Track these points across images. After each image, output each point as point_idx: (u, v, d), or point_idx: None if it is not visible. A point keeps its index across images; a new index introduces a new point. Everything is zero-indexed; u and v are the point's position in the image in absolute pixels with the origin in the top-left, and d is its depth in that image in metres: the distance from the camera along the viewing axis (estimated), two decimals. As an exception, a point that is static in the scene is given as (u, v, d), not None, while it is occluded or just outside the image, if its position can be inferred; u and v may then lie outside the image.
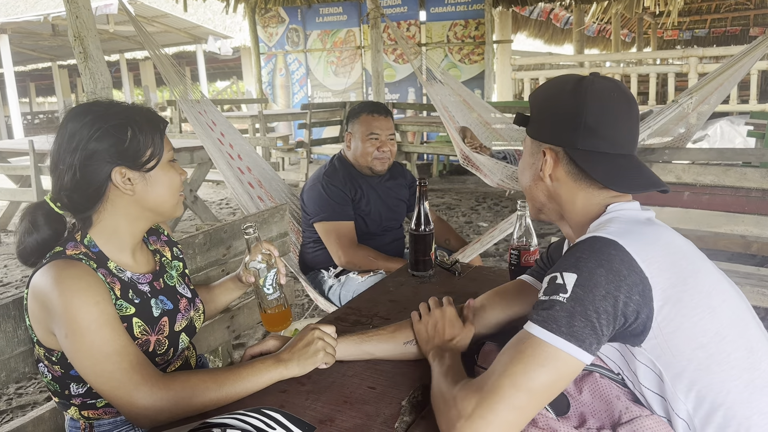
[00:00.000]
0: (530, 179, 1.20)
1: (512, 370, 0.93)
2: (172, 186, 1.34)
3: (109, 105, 1.30)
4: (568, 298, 0.94)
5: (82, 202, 1.27)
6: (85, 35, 2.70)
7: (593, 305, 0.93)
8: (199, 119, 3.14)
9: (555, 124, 1.13)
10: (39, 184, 4.92)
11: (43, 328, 1.22)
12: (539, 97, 1.19)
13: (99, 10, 9.07)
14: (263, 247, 1.44)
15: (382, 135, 2.56)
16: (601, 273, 0.94)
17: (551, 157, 1.13)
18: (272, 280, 1.43)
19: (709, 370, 0.97)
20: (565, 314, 0.93)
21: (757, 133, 5.18)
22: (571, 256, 0.99)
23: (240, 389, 1.18)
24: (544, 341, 0.93)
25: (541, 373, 0.93)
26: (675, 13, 8.61)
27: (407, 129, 7.51)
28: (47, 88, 22.32)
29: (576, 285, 0.94)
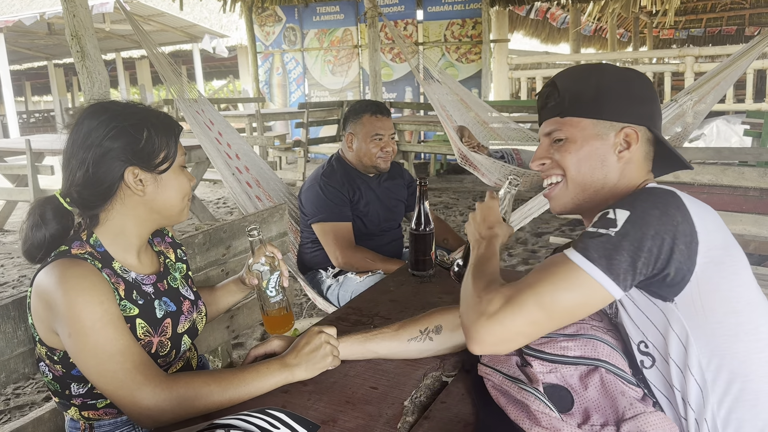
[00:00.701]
0: (596, 164, 1.14)
1: (541, 288, 0.97)
2: (181, 191, 1.34)
3: (126, 105, 1.31)
4: (617, 233, 0.95)
5: (92, 199, 1.27)
6: (83, 34, 2.70)
7: (639, 242, 0.95)
8: (196, 118, 3.13)
9: (634, 104, 1.13)
10: (36, 184, 4.90)
11: (46, 326, 1.21)
12: (602, 82, 1.14)
13: (95, 8, 9.04)
14: (267, 249, 1.43)
15: (386, 135, 2.56)
16: (654, 214, 0.96)
17: (634, 136, 1.12)
18: (275, 282, 1.42)
19: (737, 337, 0.99)
20: (610, 247, 0.95)
21: (753, 132, 5.20)
22: (627, 198, 1.01)
23: (244, 393, 1.18)
24: (579, 267, 0.96)
25: (567, 297, 0.96)
26: (671, 13, 8.62)
27: (404, 128, 7.50)
28: (43, 86, 22.25)
29: (627, 221, 0.96)
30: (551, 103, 1.18)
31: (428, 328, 1.36)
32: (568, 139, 1.15)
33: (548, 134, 1.19)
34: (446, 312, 1.39)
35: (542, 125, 1.22)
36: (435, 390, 1.25)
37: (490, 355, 1.28)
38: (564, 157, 1.15)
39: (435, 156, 8.38)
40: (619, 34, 14.53)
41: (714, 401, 0.99)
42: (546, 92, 1.20)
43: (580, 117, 1.14)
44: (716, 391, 0.99)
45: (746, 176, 2.82)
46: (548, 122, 1.19)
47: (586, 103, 1.13)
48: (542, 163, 1.20)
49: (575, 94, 1.14)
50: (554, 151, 1.17)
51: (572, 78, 1.18)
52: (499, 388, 1.16)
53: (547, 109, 1.19)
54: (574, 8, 11.42)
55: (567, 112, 1.15)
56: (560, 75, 1.20)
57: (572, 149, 1.14)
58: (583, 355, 1.18)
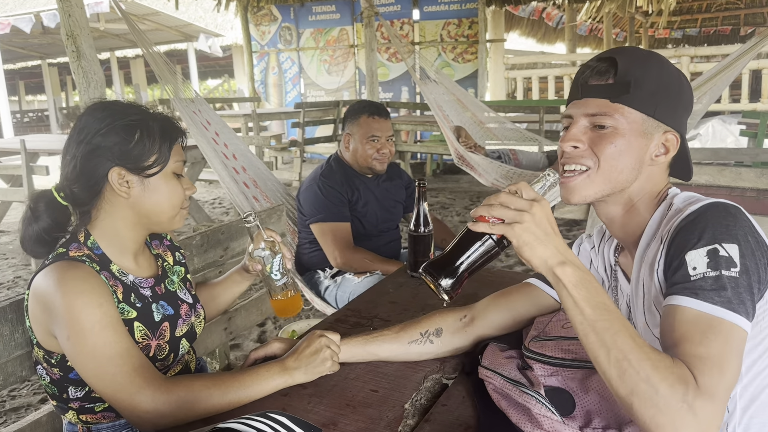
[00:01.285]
0: (634, 163, 1.05)
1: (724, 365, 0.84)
2: (171, 198, 1.31)
3: (127, 106, 1.30)
4: (740, 272, 0.88)
5: (81, 195, 1.26)
6: (78, 34, 2.68)
7: (755, 275, 0.90)
8: (193, 118, 3.12)
9: (681, 109, 1.07)
10: (30, 184, 4.87)
11: (44, 329, 1.20)
12: (663, 76, 1.05)
13: (90, 8, 8.99)
14: (265, 234, 1.43)
15: (383, 137, 2.55)
16: (751, 240, 0.91)
17: (674, 142, 1.06)
18: (279, 265, 1.42)
19: None
20: (741, 290, 0.88)
21: (749, 133, 5.22)
22: (714, 224, 0.92)
23: (243, 396, 1.17)
24: (734, 325, 0.86)
25: (737, 359, 0.86)
26: (666, 13, 8.64)
27: (401, 128, 7.50)
28: (37, 86, 22.15)
29: (741, 256, 0.89)
30: (602, 82, 1.05)
31: (429, 331, 1.36)
32: (616, 129, 1.03)
33: (591, 115, 1.05)
34: (447, 314, 1.39)
35: (582, 102, 1.07)
36: (435, 393, 1.25)
37: (490, 357, 1.27)
38: (605, 147, 1.03)
39: (431, 156, 8.38)
40: (614, 34, 14.54)
41: (740, 407, 0.98)
42: (600, 68, 1.06)
43: (634, 109, 1.03)
44: (744, 397, 0.97)
45: (743, 177, 2.82)
46: (594, 102, 1.05)
47: (644, 95, 1.02)
48: (575, 146, 1.06)
49: (636, 81, 1.02)
50: (593, 137, 1.05)
51: (634, 60, 1.04)
52: (500, 392, 1.16)
53: (594, 87, 1.05)
54: (570, 8, 11.43)
55: (621, 99, 1.03)
56: (619, 52, 1.06)
57: (617, 142, 1.03)
58: (584, 358, 1.18)
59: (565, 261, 0.90)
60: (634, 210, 1.10)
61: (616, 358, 0.84)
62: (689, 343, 0.86)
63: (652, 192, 1.09)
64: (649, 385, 0.81)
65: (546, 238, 0.90)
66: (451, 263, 0.94)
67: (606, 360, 0.86)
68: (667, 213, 1.05)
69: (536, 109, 6.59)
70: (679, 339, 0.87)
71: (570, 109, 1.09)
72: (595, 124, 1.05)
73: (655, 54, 1.08)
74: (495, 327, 1.36)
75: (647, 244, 1.07)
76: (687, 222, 0.95)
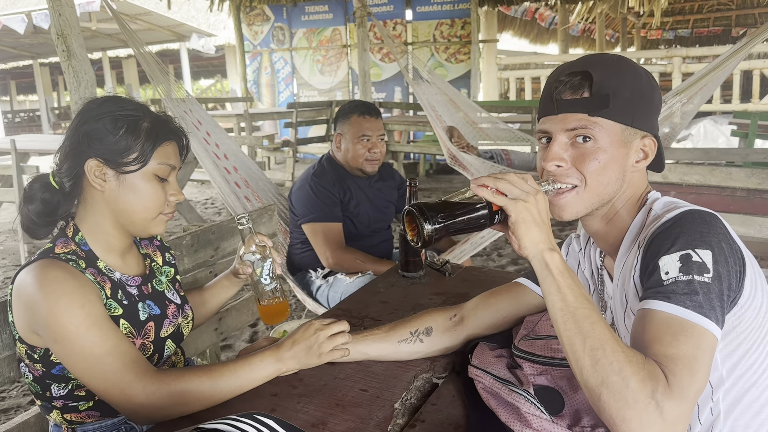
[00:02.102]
0: (618, 173, 1.04)
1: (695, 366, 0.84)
2: (147, 200, 1.27)
3: (129, 102, 1.30)
4: (712, 278, 0.89)
5: (65, 181, 1.27)
6: (69, 33, 2.66)
7: (727, 282, 0.90)
8: (184, 118, 3.10)
9: (655, 113, 1.07)
10: (21, 184, 4.84)
11: (26, 326, 1.20)
12: (636, 83, 1.03)
13: (81, 7, 8.95)
14: (257, 238, 1.42)
15: (374, 136, 2.54)
16: (724, 247, 0.91)
17: (652, 146, 1.06)
18: (269, 270, 1.41)
19: (757, 350, 0.97)
20: (713, 295, 0.88)
21: (740, 133, 5.25)
22: (689, 231, 0.93)
23: (235, 385, 1.18)
24: (704, 329, 0.86)
25: (707, 364, 0.86)
26: (658, 14, 8.68)
27: (394, 128, 7.50)
28: (28, 86, 22.02)
29: (714, 262, 0.89)
30: (577, 96, 1.02)
31: (418, 330, 1.36)
32: (597, 143, 1.02)
33: (570, 130, 1.03)
34: (437, 313, 1.39)
35: (559, 117, 1.04)
36: (425, 392, 1.25)
37: (480, 357, 1.27)
38: (589, 164, 1.02)
39: (424, 156, 8.38)
40: (607, 35, 14.60)
41: (724, 411, 0.98)
42: (573, 82, 1.03)
43: (613, 121, 1.02)
44: (727, 400, 0.98)
45: (734, 177, 2.83)
46: (572, 117, 1.02)
47: (621, 105, 1.01)
48: (558, 165, 1.04)
49: (613, 92, 1.00)
50: (575, 153, 1.03)
51: (608, 72, 1.02)
52: (490, 390, 1.16)
53: (570, 101, 1.03)
54: (563, 9, 11.46)
55: (600, 112, 1.01)
56: (591, 64, 1.04)
57: (600, 156, 1.02)
58: (574, 356, 1.17)
59: (554, 249, 0.93)
60: (618, 217, 1.10)
61: (591, 346, 0.86)
62: (660, 344, 0.87)
63: (633, 197, 1.09)
64: (620, 378, 0.82)
65: (542, 224, 0.94)
66: (443, 212, 0.95)
67: (582, 348, 0.87)
68: (646, 219, 1.05)
69: (529, 110, 6.60)
70: (650, 340, 0.88)
71: (546, 124, 1.07)
72: (577, 137, 1.03)
73: (625, 59, 1.07)
74: (484, 326, 1.36)
75: (627, 249, 1.08)
76: (663, 229, 0.96)
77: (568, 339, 0.89)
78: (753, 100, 7.67)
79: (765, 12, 12.75)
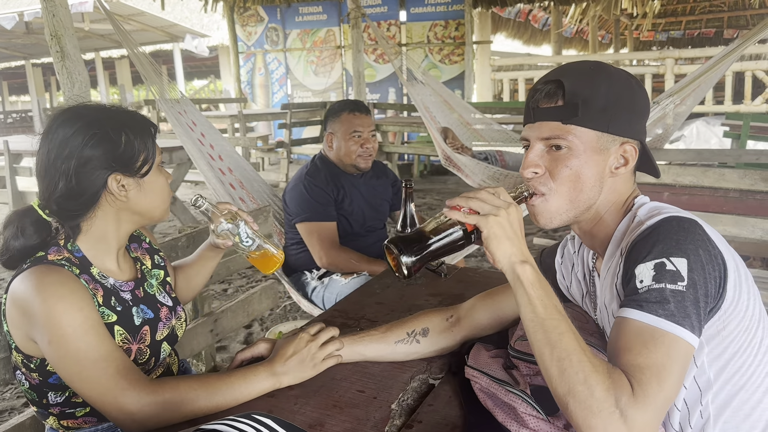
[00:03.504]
0: (594, 180, 1.05)
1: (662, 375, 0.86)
2: (163, 191, 1.32)
3: (99, 109, 1.27)
4: (686, 286, 0.90)
5: (74, 208, 1.24)
6: (62, 34, 2.65)
7: (704, 290, 0.91)
8: (179, 119, 3.10)
9: (637, 118, 1.07)
10: (14, 186, 4.83)
11: (23, 334, 1.19)
12: (611, 90, 1.03)
13: (74, 8, 8.92)
14: (220, 209, 1.42)
15: (365, 132, 2.55)
16: (702, 254, 0.92)
17: (633, 152, 1.06)
18: (245, 233, 1.41)
19: (745, 353, 0.98)
20: (688, 303, 0.89)
21: (733, 134, 5.27)
22: (665, 239, 0.93)
23: (230, 398, 1.17)
24: (676, 336, 0.88)
25: (677, 371, 0.87)
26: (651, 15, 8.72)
27: (388, 129, 7.50)
28: (20, 86, 21.90)
29: (689, 270, 0.90)
30: (551, 105, 1.04)
31: (415, 331, 1.36)
32: (570, 150, 1.03)
33: (545, 138, 1.05)
34: (433, 314, 1.39)
35: (536, 125, 1.07)
36: (422, 393, 1.25)
37: (476, 357, 1.28)
38: (562, 170, 1.04)
39: (418, 157, 8.39)
40: (600, 36, 14.65)
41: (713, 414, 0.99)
42: (547, 90, 1.05)
43: (586, 128, 1.03)
44: (716, 403, 0.99)
45: (727, 177, 2.85)
46: (547, 125, 1.05)
47: (595, 113, 1.02)
48: (535, 171, 1.07)
49: (584, 101, 1.02)
50: (550, 160, 1.06)
51: (580, 80, 1.04)
52: (486, 391, 1.16)
53: (545, 110, 1.05)
54: (556, 10, 11.50)
55: (572, 120, 1.02)
56: (564, 73, 1.06)
57: (573, 163, 1.04)
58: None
59: (526, 261, 0.96)
60: (602, 222, 1.11)
61: (558, 356, 0.88)
62: (630, 353, 0.89)
63: (617, 202, 1.10)
64: (585, 387, 0.85)
65: (514, 237, 0.97)
66: (419, 243, 0.98)
67: (549, 357, 0.89)
68: (631, 224, 1.05)
69: (522, 111, 6.60)
70: (621, 349, 0.90)
71: (526, 131, 1.10)
72: (552, 146, 1.06)
73: (602, 66, 1.07)
74: (481, 327, 1.36)
75: (612, 254, 1.09)
76: (641, 237, 0.97)
77: (538, 349, 0.92)
78: (745, 102, 7.72)
79: (757, 14, 12.83)
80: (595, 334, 1.20)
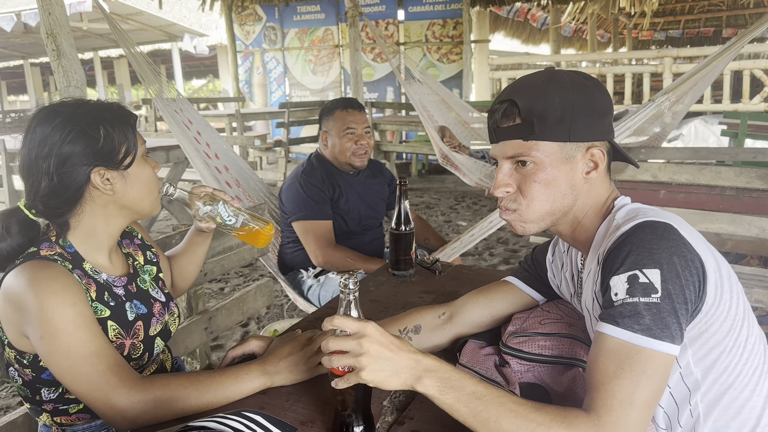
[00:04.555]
0: (565, 189, 1.06)
1: (634, 396, 0.87)
2: (149, 182, 1.31)
3: (76, 105, 1.25)
4: (661, 297, 0.89)
5: (60, 206, 1.23)
6: (58, 32, 2.65)
7: (681, 297, 0.91)
8: (175, 118, 3.10)
9: (598, 119, 1.06)
10: (11, 185, 4.82)
11: (16, 329, 1.18)
12: (566, 100, 1.03)
13: (72, 7, 8.91)
14: (195, 192, 1.42)
15: (359, 129, 2.55)
16: (676, 261, 0.91)
17: (600, 155, 1.06)
18: (227, 212, 1.41)
19: (730, 353, 0.98)
20: (664, 315, 0.89)
21: (730, 132, 5.27)
22: (638, 248, 0.93)
23: (221, 396, 1.16)
24: (651, 350, 0.88)
25: (651, 385, 0.88)
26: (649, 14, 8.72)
27: (386, 128, 7.50)
28: (19, 86, 21.88)
29: (662, 281, 0.90)
30: (510, 124, 1.05)
31: (407, 328, 1.36)
32: (536, 165, 1.05)
33: (510, 157, 1.07)
34: (425, 311, 1.39)
35: (500, 145, 1.09)
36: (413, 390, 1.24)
37: (469, 355, 1.28)
38: (531, 186, 1.06)
39: (416, 156, 8.39)
40: (598, 35, 14.65)
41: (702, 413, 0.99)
42: (502, 110, 1.06)
43: (546, 141, 1.04)
44: (705, 402, 0.99)
45: (723, 176, 2.85)
46: (509, 144, 1.06)
47: (552, 125, 1.03)
48: (507, 191, 1.09)
49: (540, 116, 1.02)
50: (519, 177, 1.07)
51: (532, 96, 1.04)
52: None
53: (505, 129, 1.06)
54: (554, 9, 11.50)
55: (531, 136, 1.03)
56: (517, 90, 1.07)
57: (540, 177, 1.05)
58: (560, 354, 1.18)
59: (421, 375, 0.92)
60: (582, 226, 1.11)
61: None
62: (605, 374, 0.90)
63: (595, 205, 1.10)
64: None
65: (392, 363, 0.92)
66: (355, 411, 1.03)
67: None
68: (609, 227, 1.04)
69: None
70: (596, 369, 0.91)
71: (493, 151, 1.12)
72: (517, 161, 1.07)
73: (554, 76, 1.06)
74: (473, 324, 1.36)
75: (592, 259, 1.09)
76: (616, 245, 0.97)
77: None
78: (743, 100, 7.71)
79: (755, 13, 12.83)
80: (586, 331, 1.21)
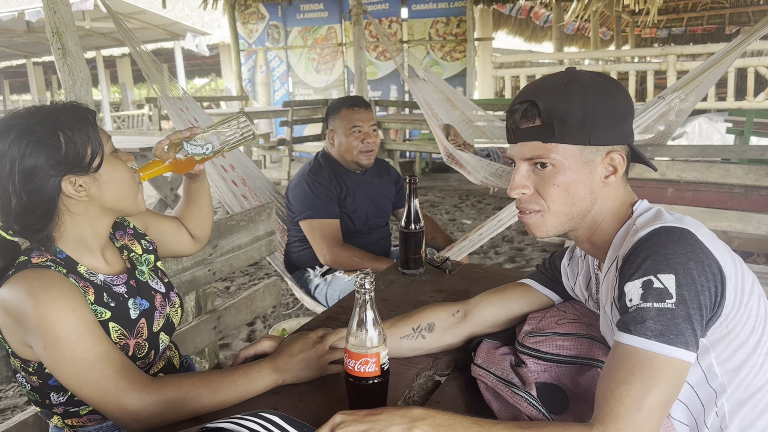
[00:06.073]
0: (584, 193, 1.05)
1: (644, 402, 0.86)
2: (124, 179, 1.25)
3: (29, 114, 1.17)
4: (676, 303, 0.89)
5: (35, 223, 1.17)
6: (64, 31, 2.64)
7: (696, 303, 0.90)
8: (181, 116, 3.10)
9: (619, 124, 1.04)
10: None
11: (18, 340, 1.16)
12: (588, 102, 1.01)
13: (75, 6, 8.91)
14: (158, 156, 1.40)
15: (365, 127, 2.54)
16: (692, 267, 0.90)
17: (620, 159, 1.04)
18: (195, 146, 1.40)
19: (755, 353, 0.97)
20: (679, 321, 0.88)
21: (736, 130, 5.25)
22: (654, 254, 0.92)
23: (233, 396, 1.15)
24: (665, 356, 0.88)
25: (663, 392, 0.87)
26: (653, 12, 8.68)
27: (390, 126, 7.48)
28: (21, 85, 21.89)
29: (677, 286, 0.89)
30: (530, 125, 1.04)
31: (420, 326, 1.35)
32: (555, 167, 1.03)
33: (528, 159, 1.06)
34: (439, 309, 1.38)
35: (518, 146, 1.07)
36: (428, 389, 1.24)
37: (484, 355, 1.27)
38: (549, 189, 1.05)
39: (420, 154, 8.38)
40: (601, 33, 14.62)
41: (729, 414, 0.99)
42: (522, 110, 1.05)
43: (566, 144, 1.02)
44: (731, 401, 0.98)
45: (731, 173, 2.84)
46: (528, 146, 1.05)
47: (573, 128, 1.01)
48: (523, 192, 1.08)
49: (560, 118, 1.01)
50: (537, 179, 1.06)
51: (553, 97, 1.02)
52: (492, 392, 1.15)
53: (525, 130, 1.05)
54: (557, 7, 11.46)
55: (551, 138, 1.02)
56: (537, 91, 1.05)
57: (559, 180, 1.04)
58: (578, 354, 1.18)
59: (411, 427, 0.91)
60: (600, 229, 1.10)
61: None
62: (613, 380, 0.90)
63: (614, 209, 1.08)
64: None
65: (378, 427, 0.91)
66: None
67: None
68: (629, 232, 1.03)
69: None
70: (606, 374, 0.92)
71: (510, 151, 1.11)
72: (535, 163, 1.06)
73: (576, 77, 1.04)
74: (488, 323, 1.35)
75: (610, 263, 1.08)
76: (632, 251, 0.96)
77: None
78: (748, 98, 7.69)
79: (759, 10, 12.79)
80: (603, 332, 1.20)
